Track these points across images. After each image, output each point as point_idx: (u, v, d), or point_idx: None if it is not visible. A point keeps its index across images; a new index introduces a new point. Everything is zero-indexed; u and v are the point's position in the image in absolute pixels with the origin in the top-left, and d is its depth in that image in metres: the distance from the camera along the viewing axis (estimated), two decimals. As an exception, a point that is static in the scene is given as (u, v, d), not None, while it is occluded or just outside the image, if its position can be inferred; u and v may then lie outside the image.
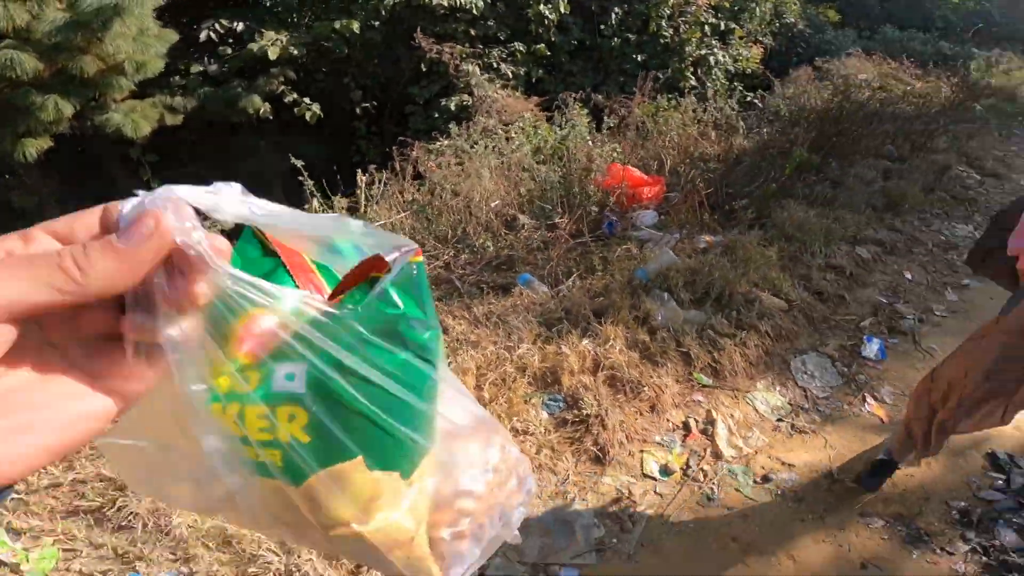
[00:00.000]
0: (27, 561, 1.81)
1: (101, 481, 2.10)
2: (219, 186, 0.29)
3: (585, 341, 2.28)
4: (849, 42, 8.09)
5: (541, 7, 7.43)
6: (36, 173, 6.27)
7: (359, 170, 4.33)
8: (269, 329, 0.30)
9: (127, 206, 0.27)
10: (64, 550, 1.84)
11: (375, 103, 7.90)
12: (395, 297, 0.33)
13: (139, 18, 5.58)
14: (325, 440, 0.33)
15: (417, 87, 7.38)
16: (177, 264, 0.27)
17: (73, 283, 0.25)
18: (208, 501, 0.36)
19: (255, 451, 0.33)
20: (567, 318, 2.45)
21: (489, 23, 7.59)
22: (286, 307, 0.30)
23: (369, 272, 0.33)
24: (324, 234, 0.32)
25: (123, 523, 1.88)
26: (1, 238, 0.27)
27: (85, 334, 0.28)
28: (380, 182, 4.36)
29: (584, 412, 2.07)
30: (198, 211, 0.28)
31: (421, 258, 0.34)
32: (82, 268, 0.25)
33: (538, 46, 7.58)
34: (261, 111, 6.69)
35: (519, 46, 7.61)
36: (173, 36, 6.00)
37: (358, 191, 4.03)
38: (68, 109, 5.40)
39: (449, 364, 2.49)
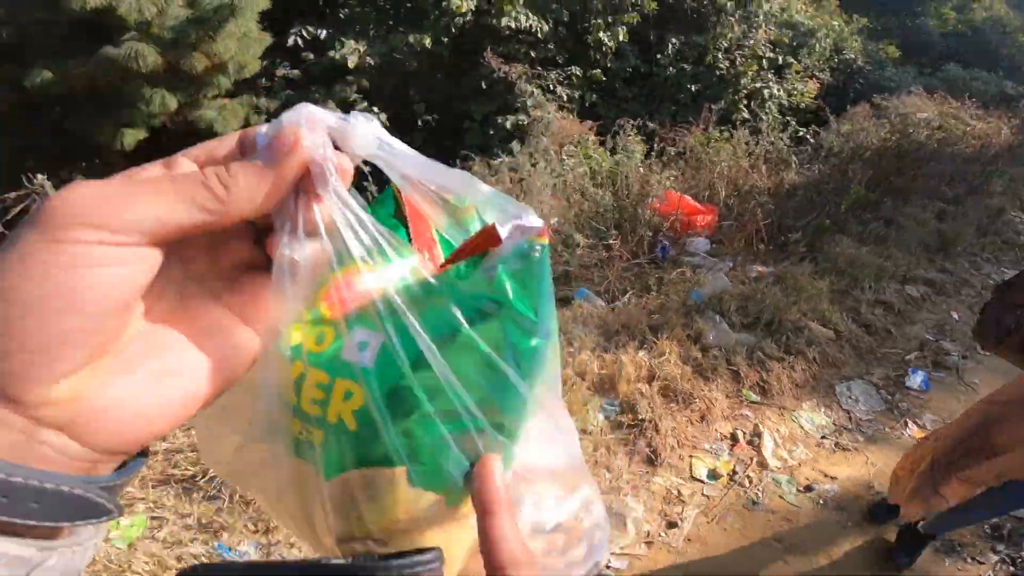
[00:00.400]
0: (117, 527, 1.84)
1: (194, 451, 2.21)
2: (356, 115, 0.28)
3: (641, 353, 2.56)
4: (909, 79, 8.17)
5: (601, 34, 7.74)
6: (123, 164, 6.93)
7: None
8: (365, 289, 0.28)
9: (265, 126, 0.27)
10: (152, 518, 1.93)
11: (435, 117, 8.24)
12: (505, 284, 0.29)
13: (247, 20, 5.82)
14: (371, 436, 0.29)
15: (476, 104, 7.76)
16: (302, 184, 0.27)
17: (217, 201, 0.24)
18: (243, 464, 0.33)
19: (300, 425, 0.30)
20: (624, 331, 2.73)
21: (549, 46, 7.89)
22: (389, 268, 0.28)
23: (484, 246, 0.29)
24: (451, 186, 0.29)
25: (212, 493, 2.00)
26: (145, 166, 0.27)
27: (224, 266, 0.28)
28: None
29: (639, 417, 2.33)
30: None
31: (546, 240, 0.30)
32: (226, 185, 0.25)
33: (594, 71, 7.90)
34: (335, 117, 7.28)
35: (576, 70, 7.92)
36: (268, 40, 6.31)
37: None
38: (173, 103, 5.81)
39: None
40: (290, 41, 7.04)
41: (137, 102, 5.76)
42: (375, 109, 7.40)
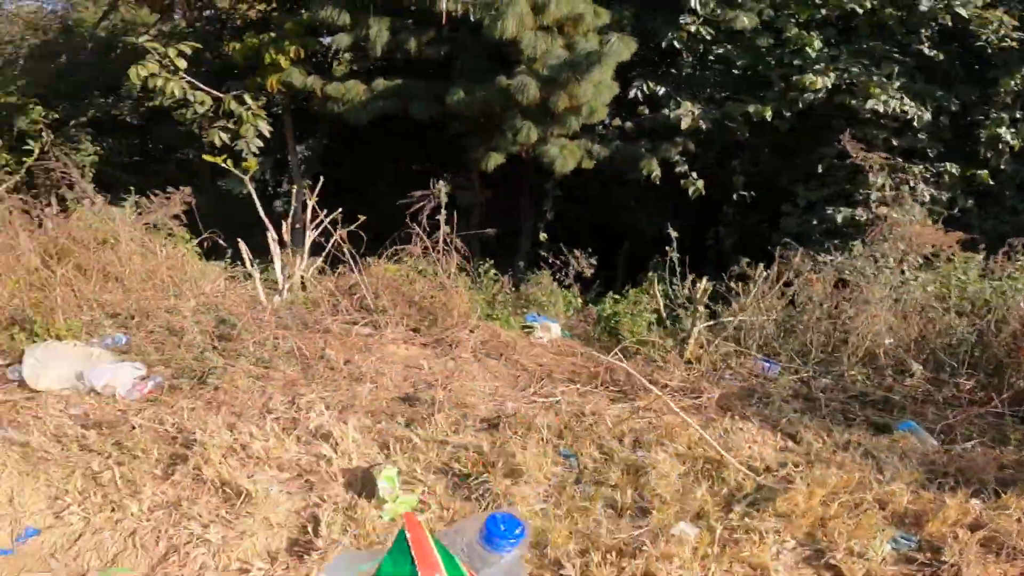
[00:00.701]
0: (395, 500, 2.28)
1: (477, 454, 2.62)
2: None
3: (974, 500, 2.55)
4: None
5: (1001, 130, 6.95)
6: (480, 181, 8.69)
7: (753, 260, 4.77)
8: None
9: None
10: (421, 501, 2.34)
11: (752, 193, 8.33)
12: None
13: (608, 68, 6.68)
14: None
15: (805, 188, 7.57)
16: None
17: None
18: None
19: None
20: (957, 475, 2.72)
21: (920, 135, 7.31)
22: None
23: None
24: None
25: (476, 496, 2.37)
26: None
27: None
28: (754, 279, 4.59)
29: (941, 559, 2.25)
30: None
31: None
32: None
33: (979, 172, 7.10)
34: (653, 175, 7.80)
35: (951, 167, 7.21)
36: (616, 89, 7.20)
37: (740, 285, 4.61)
38: (534, 136, 7.12)
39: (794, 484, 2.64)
40: (631, 94, 7.84)
41: (507, 131, 7.18)
42: (693, 175, 7.79)
